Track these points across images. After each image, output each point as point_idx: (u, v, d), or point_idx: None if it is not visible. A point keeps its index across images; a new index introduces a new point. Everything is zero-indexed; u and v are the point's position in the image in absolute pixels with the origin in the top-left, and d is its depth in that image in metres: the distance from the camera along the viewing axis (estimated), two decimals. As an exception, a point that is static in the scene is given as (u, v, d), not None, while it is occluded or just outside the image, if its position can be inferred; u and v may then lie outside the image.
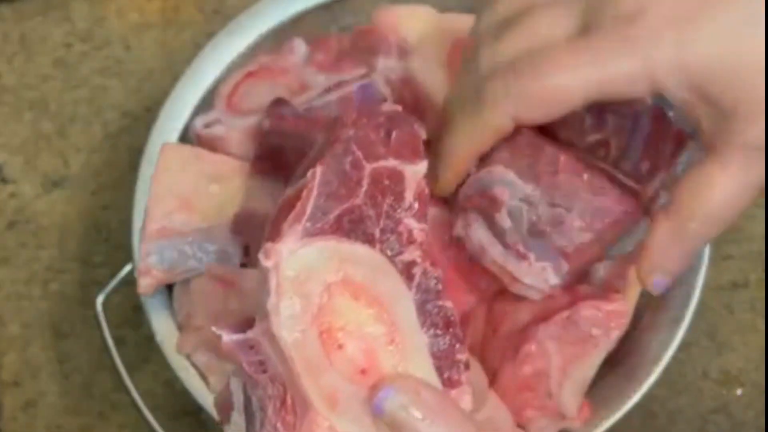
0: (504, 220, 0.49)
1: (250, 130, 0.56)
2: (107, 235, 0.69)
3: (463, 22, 0.56)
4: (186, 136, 0.59)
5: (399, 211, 0.42)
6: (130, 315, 0.66)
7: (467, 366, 0.42)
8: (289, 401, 0.38)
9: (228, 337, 0.39)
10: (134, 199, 0.57)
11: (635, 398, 0.54)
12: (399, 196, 0.42)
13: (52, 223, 0.70)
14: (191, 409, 0.63)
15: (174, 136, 0.59)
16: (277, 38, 0.62)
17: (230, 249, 0.55)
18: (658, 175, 0.55)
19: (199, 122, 0.58)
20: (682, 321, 0.55)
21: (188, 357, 0.56)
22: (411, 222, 0.43)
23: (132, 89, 0.73)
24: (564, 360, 0.53)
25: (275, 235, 0.40)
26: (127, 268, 0.57)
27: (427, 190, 0.44)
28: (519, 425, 0.54)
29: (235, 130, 0.57)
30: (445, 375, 0.41)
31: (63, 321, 0.68)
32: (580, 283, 0.55)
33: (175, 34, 0.74)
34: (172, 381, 0.57)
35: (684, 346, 0.56)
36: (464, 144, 0.47)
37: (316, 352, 0.38)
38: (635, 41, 0.41)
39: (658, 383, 0.54)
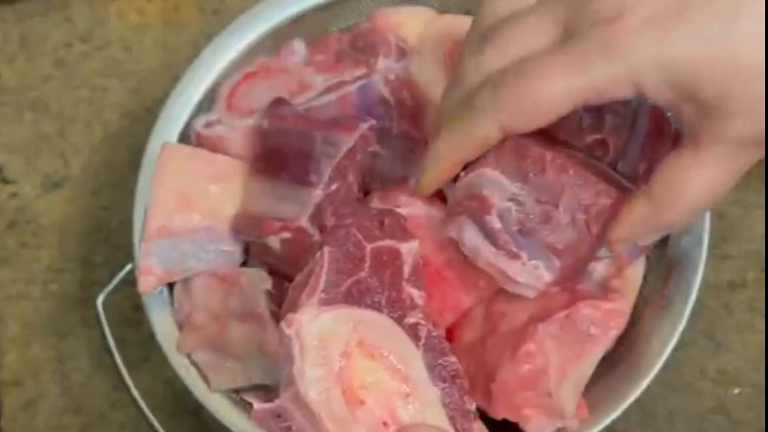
0: (494, 222, 0.49)
1: (250, 130, 0.57)
2: (107, 235, 0.70)
3: (462, 23, 0.56)
4: (186, 136, 0.60)
5: (400, 281, 0.48)
6: (130, 315, 0.66)
7: (477, 415, 0.47)
8: None
9: (258, 406, 0.43)
10: (134, 199, 0.58)
11: (633, 397, 0.54)
12: (398, 269, 0.48)
13: (52, 223, 0.70)
14: (191, 408, 0.63)
15: (174, 136, 0.59)
16: (277, 39, 0.62)
17: (230, 248, 0.56)
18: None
19: (199, 122, 0.58)
20: (680, 320, 0.56)
21: (188, 356, 0.56)
22: (412, 290, 0.49)
23: (132, 89, 0.73)
24: (563, 359, 0.53)
25: (294, 306, 0.45)
26: (128, 267, 0.57)
27: (422, 262, 0.50)
28: (517, 424, 0.54)
29: (235, 130, 0.57)
30: (458, 426, 0.46)
31: (63, 321, 0.68)
32: (578, 281, 0.55)
33: (175, 34, 0.74)
34: (173, 380, 0.58)
35: (682, 345, 0.56)
36: (451, 152, 0.48)
37: (341, 408, 0.42)
38: (616, 45, 0.41)
39: (656, 382, 0.55)
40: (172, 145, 0.58)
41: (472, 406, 0.47)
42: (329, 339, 0.44)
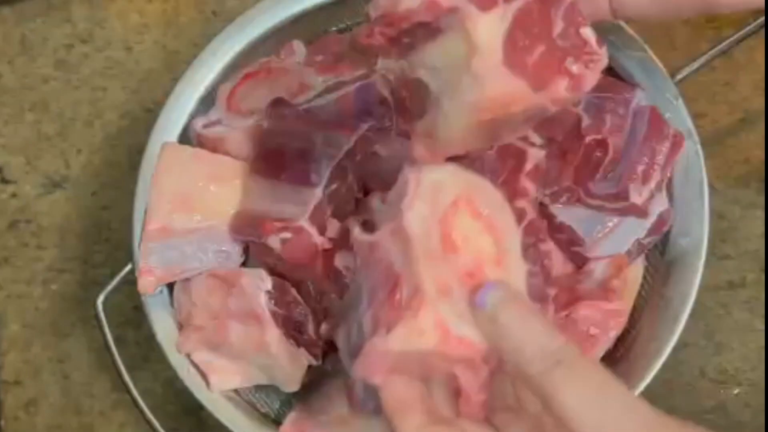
0: None
1: (250, 131, 0.57)
2: (107, 235, 0.70)
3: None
4: (186, 137, 0.60)
5: (518, 173, 0.51)
6: (130, 315, 0.66)
7: (553, 300, 0.49)
8: (400, 285, 0.42)
9: (359, 235, 0.44)
10: (134, 199, 0.58)
11: (633, 397, 0.54)
12: (520, 163, 0.52)
13: (52, 223, 0.70)
14: (191, 407, 0.63)
15: (174, 136, 0.59)
16: (277, 39, 0.62)
17: (230, 249, 0.56)
18: (654, 176, 0.56)
19: (198, 123, 0.58)
20: (679, 321, 0.56)
21: (188, 356, 0.56)
22: (527, 182, 0.52)
23: (132, 90, 0.73)
24: (563, 359, 0.53)
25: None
26: (128, 267, 0.57)
27: (543, 167, 0.53)
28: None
29: (235, 130, 0.57)
30: (537, 306, 0.48)
31: (63, 321, 0.68)
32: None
33: (175, 35, 0.74)
34: (172, 380, 0.58)
35: (681, 345, 0.56)
36: None
37: (436, 246, 0.43)
38: None
39: (655, 382, 0.55)
40: (171, 145, 0.58)
41: (552, 293, 0.49)
42: (443, 187, 0.44)
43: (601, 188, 0.56)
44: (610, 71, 0.58)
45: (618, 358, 0.57)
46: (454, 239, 0.44)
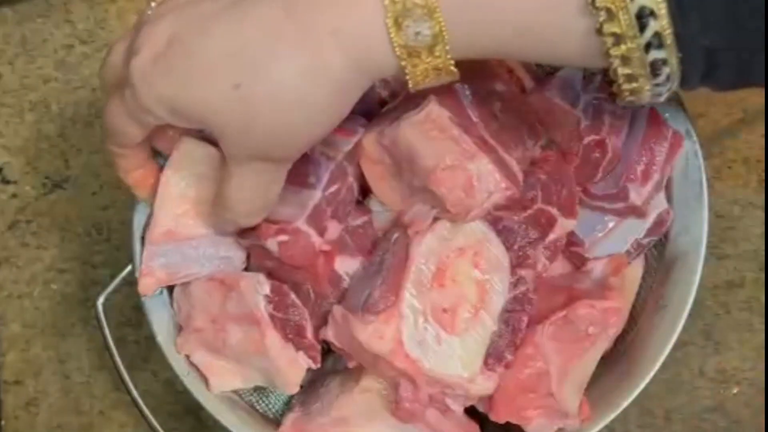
0: None
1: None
2: (108, 235, 0.70)
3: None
4: (185, 137, 0.59)
5: (540, 241, 0.54)
6: (131, 315, 0.66)
7: (508, 365, 0.52)
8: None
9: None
10: (134, 199, 0.58)
11: (632, 397, 0.54)
12: (545, 232, 0.54)
13: (53, 224, 0.70)
14: (191, 408, 0.64)
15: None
16: (276, 40, 0.62)
17: (233, 255, 0.55)
18: (653, 177, 0.56)
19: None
20: (678, 320, 0.56)
21: (188, 357, 0.56)
22: (541, 256, 0.54)
23: (132, 90, 0.73)
24: (563, 359, 0.53)
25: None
26: (128, 268, 0.57)
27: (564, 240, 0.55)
28: (519, 425, 0.54)
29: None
30: (489, 360, 0.51)
31: (63, 321, 0.68)
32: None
33: (175, 35, 0.74)
34: (172, 380, 0.58)
35: (680, 345, 0.56)
36: None
37: (427, 277, 0.51)
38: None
39: (654, 382, 0.55)
40: (189, 139, 0.55)
41: (509, 357, 0.52)
42: (463, 230, 0.51)
43: (600, 189, 0.56)
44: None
45: (617, 357, 0.57)
46: (445, 277, 0.51)
